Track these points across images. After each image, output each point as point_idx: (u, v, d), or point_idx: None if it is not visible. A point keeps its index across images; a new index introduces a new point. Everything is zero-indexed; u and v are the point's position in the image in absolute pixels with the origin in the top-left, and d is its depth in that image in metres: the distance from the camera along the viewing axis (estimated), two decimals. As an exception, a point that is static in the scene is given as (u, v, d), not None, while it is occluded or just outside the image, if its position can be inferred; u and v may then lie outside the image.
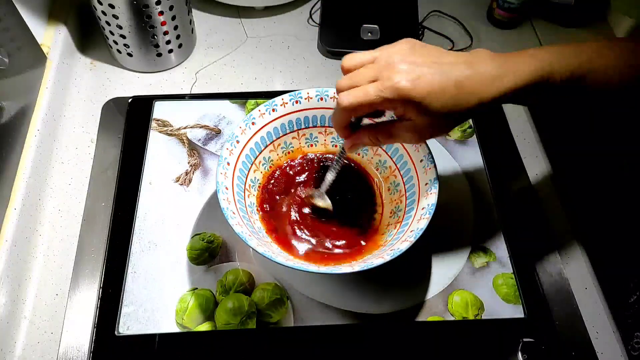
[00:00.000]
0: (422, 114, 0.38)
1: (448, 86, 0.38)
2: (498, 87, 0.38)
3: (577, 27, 0.79)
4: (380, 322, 0.51)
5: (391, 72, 0.38)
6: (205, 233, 0.55)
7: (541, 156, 0.65)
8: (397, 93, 0.37)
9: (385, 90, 0.38)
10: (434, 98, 0.37)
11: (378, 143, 0.44)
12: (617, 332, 0.52)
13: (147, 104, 0.65)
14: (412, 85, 0.37)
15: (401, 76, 0.37)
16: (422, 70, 0.38)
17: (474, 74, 0.38)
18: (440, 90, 0.37)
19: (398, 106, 0.39)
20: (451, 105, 0.38)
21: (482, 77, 0.38)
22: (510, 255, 0.55)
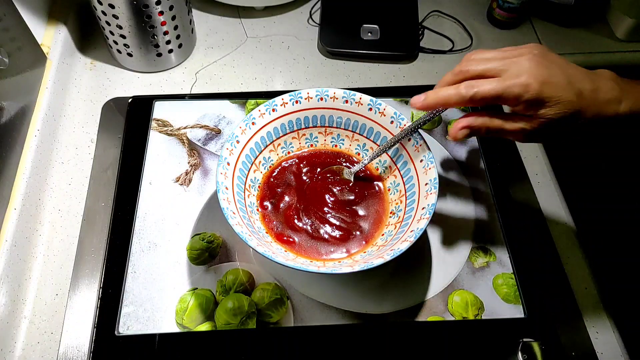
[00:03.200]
0: (542, 115, 0.39)
1: (571, 94, 0.39)
2: (614, 108, 0.40)
3: (577, 27, 0.79)
4: (380, 322, 0.51)
5: (519, 67, 0.39)
6: (205, 233, 0.55)
7: (541, 156, 0.65)
8: (524, 89, 0.38)
9: (513, 85, 0.39)
10: (556, 102, 0.39)
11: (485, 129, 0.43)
12: (617, 332, 0.52)
13: (147, 104, 0.65)
14: (541, 86, 0.38)
15: (531, 75, 0.38)
16: (549, 73, 0.39)
17: (596, 89, 0.39)
18: (564, 96, 0.38)
19: (521, 104, 0.40)
20: (570, 112, 0.39)
21: (603, 95, 0.39)
22: (510, 255, 0.55)
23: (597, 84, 0.40)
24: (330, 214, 0.52)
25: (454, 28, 0.79)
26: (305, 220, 0.52)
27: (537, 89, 0.38)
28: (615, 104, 0.40)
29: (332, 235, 0.51)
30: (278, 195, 0.54)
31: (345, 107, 0.53)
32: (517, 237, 0.57)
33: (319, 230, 0.51)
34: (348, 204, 0.53)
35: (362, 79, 0.72)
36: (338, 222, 0.52)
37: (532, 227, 0.58)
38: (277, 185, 0.54)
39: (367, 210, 0.53)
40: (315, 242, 0.51)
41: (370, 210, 0.53)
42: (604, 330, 0.52)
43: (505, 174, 0.62)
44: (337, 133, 0.56)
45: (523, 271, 0.54)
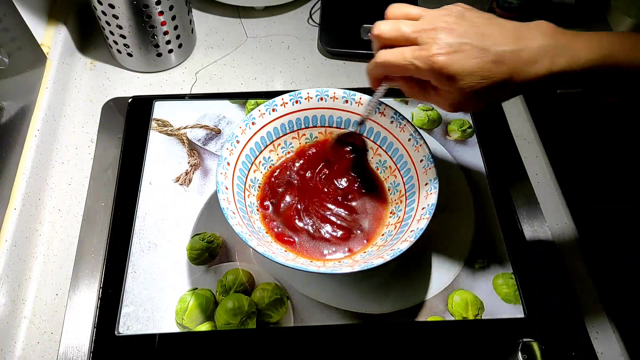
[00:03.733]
0: (456, 89, 0.36)
1: (486, 62, 0.35)
2: (545, 67, 0.35)
3: (577, 27, 0.78)
4: (380, 322, 0.51)
5: (431, 39, 0.36)
6: (205, 233, 0.55)
7: (541, 156, 0.65)
8: (431, 66, 0.36)
9: (420, 59, 0.36)
10: (469, 75, 0.35)
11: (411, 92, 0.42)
12: (617, 332, 0.52)
13: (147, 104, 0.65)
14: (448, 60, 0.35)
15: (439, 47, 0.35)
16: (461, 44, 0.35)
17: (519, 49, 0.35)
18: (477, 66, 0.35)
19: (432, 78, 0.37)
20: (487, 84, 0.35)
21: (528, 54, 0.35)
22: (510, 255, 0.55)
23: (523, 43, 0.35)
24: (331, 211, 0.52)
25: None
26: (306, 221, 0.52)
27: (443, 62, 0.35)
28: (546, 63, 0.35)
29: (332, 235, 0.51)
30: (278, 195, 0.54)
31: (345, 107, 0.53)
32: (517, 237, 0.57)
33: (319, 230, 0.51)
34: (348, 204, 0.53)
35: (362, 79, 0.72)
36: (339, 221, 0.52)
37: (532, 227, 0.58)
38: (277, 185, 0.54)
39: (367, 210, 0.53)
40: (316, 242, 0.51)
41: (371, 210, 0.53)
42: (604, 330, 0.52)
43: (505, 174, 0.62)
44: (337, 133, 0.56)
45: (523, 271, 0.54)
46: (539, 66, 0.35)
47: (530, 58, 0.35)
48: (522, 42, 0.35)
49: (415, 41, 0.37)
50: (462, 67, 0.35)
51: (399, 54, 0.37)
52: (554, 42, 0.35)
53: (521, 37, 0.36)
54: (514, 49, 0.35)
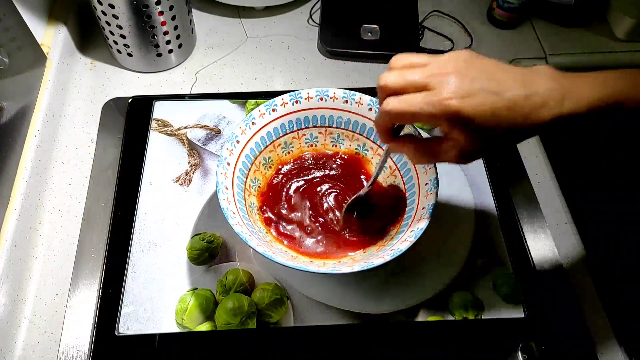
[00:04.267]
0: (469, 134, 0.36)
1: (500, 108, 0.35)
2: (554, 111, 0.35)
3: (577, 27, 0.79)
4: (380, 322, 0.51)
5: (441, 84, 0.35)
6: (205, 233, 0.55)
7: (541, 156, 0.65)
8: (444, 110, 0.35)
9: (432, 105, 0.35)
10: (484, 119, 0.35)
11: (417, 160, 0.42)
12: (617, 332, 0.52)
13: (147, 104, 0.65)
14: (461, 103, 0.34)
15: (450, 92, 0.34)
16: (473, 88, 0.35)
17: (529, 94, 0.35)
18: (491, 111, 0.34)
19: (443, 124, 0.36)
20: (500, 128, 0.35)
21: (539, 98, 0.35)
22: (510, 255, 0.55)
23: (532, 89, 0.35)
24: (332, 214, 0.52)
25: (454, 28, 0.79)
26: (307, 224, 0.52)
27: (457, 106, 0.34)
28: (555, 106, 0.35)
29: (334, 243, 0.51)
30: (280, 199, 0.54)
31: (345, 107, 0.53)
32: (516, 237, 0.57)
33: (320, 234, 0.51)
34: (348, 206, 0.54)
35: (362, 79, 0.72)
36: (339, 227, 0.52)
37: (532, 227, 0.58)
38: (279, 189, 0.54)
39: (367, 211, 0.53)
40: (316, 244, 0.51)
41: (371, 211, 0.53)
42: (604, 331, 0.52)
43: (505, 174, 0.62)
44: (337, 133, 0.56)
45: (523, 271, 0.54)
46: (549, 110, 0.35)
47: (541, 103, 0.35)
48: (532, 87, 0.35)
49: (425, 87, 0.36)
50: (476, 110, 0.34)
51: (409, 100, 0.36)
52: (560, 86, 0.36)
53: (530, 82, 0.36)
54: (526, 94, 0.35)
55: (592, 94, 0.35)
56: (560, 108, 0.35)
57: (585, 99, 0.35)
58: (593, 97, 0.35)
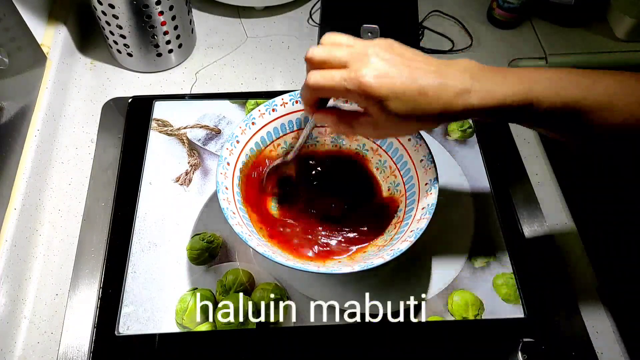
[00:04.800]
0: (382, 112, 0.38)
1: (411, 90, 0.37)
2: (463, 102, 0.37)
3: (577, 27, 0.79)
4: (380, 322, 0.51)
5: (360, 63, 0.37)
6: (205, 233, 0.55)
7: (541, 156, 0.65)
8: (359, 87, 0.37)
9: (349, 81, 0.37)
10: (394, 99, 0.37)
11: (338, 130, 0.44)
12: (617, 332, 0.52)
13: (147, 104, 0.65)
14: (376, 82, 0.36)
15: (367, 70, 0.37)
16: (389, 69, 0.37)
17: (440, 84, 0.37)
18: (402, 92, 0.37)
19: (360, 100, 0.38)
20: (411, 109, 0.37)
21: (448, 89, 0.37)
22: (510, 255, 0.55)
23: (444, 79, 0.37)
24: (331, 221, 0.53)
25: (454, 28, 0.79)
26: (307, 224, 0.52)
27: (371, 84, 0.36)
28: (463, 96, 0.37)
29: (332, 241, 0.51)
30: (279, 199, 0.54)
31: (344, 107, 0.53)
32: (517, 237, 0.57)
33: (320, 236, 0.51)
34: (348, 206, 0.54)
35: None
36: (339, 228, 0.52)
37: (532, 227, 0.58)
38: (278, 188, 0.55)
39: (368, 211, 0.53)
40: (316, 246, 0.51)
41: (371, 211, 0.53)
42: (604, 330, 0.52)
43: (505, 174, 0.62)
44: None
45: (523, 271, 0.54)
46: (458, 101, 0.37)
47: (451, 93, 0.37)
48: (444, 78, 0.37)
49: (346, 64, 0.38)
50: (388, 89, 0.36)
51: (329, 76, 0.38)
52: (472, 79, 0.37)
53: (444, 73, 0.38)
54: (437, 84, 0.37)
55: (502, 90, 0.37)
56: (468, 98, 0.37)
57: (495, 94, 0.37)
58: (502, 92, 0.37)
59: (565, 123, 0.39)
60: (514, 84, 0.37)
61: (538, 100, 0.37)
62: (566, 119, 0.38)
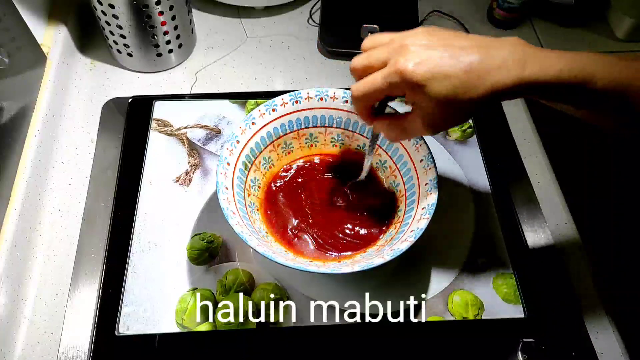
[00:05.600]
0: (429, 99, 0.36)
1: (454, 70, 0.35)
2: (516, 75, 0.35)
3: (577, 27, 0.79)
4: (380, 322, 0.51)
5: (398, 55, 0.36)
6: (205, 233, 0.55)
7: (541, 156, 0.65)
8: (400, 76, 0.35)
9: (390, 75, 0.36)
10: (438, 82, 0.35)
11: (392, 137, 0.43)
12: (617, 332, 0.52)
13: (147, 104, 0.65)
14: (416, 67, 0.35)
15: (406, 59, 0.35)
16: (429, 53, 0.35)
17: (488, 58, 0.35)
18: (444, 73, 0.35)
19: (407, 91, 0.37)
20: (458, 91, 0.35)
21: (496, 61, 0.35)
22: (510, 255, 0.55)
23: (492, 52, 0.35)
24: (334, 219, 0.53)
25: (454, 28, 0.79)
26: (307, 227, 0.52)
27: (412, 70, 0.35)
28: (516, 69, 0.35)
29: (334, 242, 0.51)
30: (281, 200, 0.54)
31: (345, 107, 0.53)
32: (517, 237, 0.57)
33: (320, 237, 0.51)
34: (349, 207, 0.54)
35: (362, 79, 0.72)
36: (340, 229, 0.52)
37: (532, 227, 0.58)
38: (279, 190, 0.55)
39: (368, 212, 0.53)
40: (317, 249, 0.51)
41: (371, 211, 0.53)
42: (604, 330, 0.52)
43: (505, 174, 0.62)
44: (337, 133, 0.56)
45: (523, 271, 0.54)
46: (509, 73, 0.35)
47: (499, 65, 0.35)
48: (491, 51, 0.36)
49: (387, 62, 0.37)
50: (430, 71, 0.35)
51: (370, 79, 0.38)
52: (524, 52, 0.36)
53: (490, 47, 0.36)
54: (484, 57, 0.35)
55: (557, 65, 0.35)
56: (522, 71, 0.35)
57: (550, 68, 0.35)
58: (558, 67, 0.35)
59: (615, 105, 0.37)
60: (568, 61, 0.35)
61: (592, 78, 0.35)
62: (616, 101, 0.37)
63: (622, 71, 0.36)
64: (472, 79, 0.35)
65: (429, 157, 0.48)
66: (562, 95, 0.38)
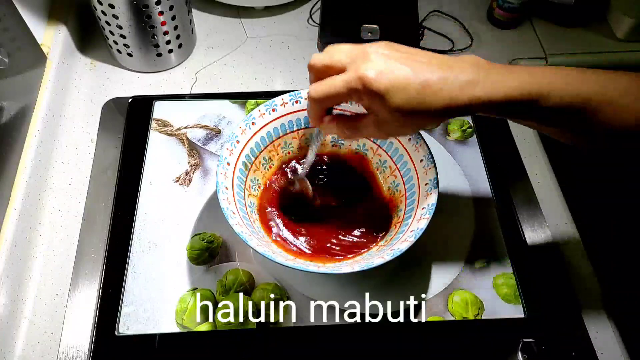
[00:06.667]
0: (385, 108, 0.37)
1: (413, 83, 0.36)
2: (468, 95, 0.36)
3: (577, 27, 0.79)
4: (380, 322, 0.51)
5: (360, 61, 0.37)
6: (205, 233, 0.55)
7: (541, 156, 0.65)
8: (360, 83, 0.36)
9: (350, 81, 0.37)
10: (397, 92, 0.36)
11: (345, 136, 0.43)
12: (617, 332, 0.52)
13: (147, 104, 0.65)
14: (377, 76, 0.36)
15: (368, 66, 0.36)
16: (390, 64, 0.37)
17: (444, 77, 0.36)
18: (404, 85, 0.36)
19: (364, 97, 0.37)
20: (415, 104, 0.36)
21: (453, 81, 0.36)
22: (510, 255, 0.55)
23: (447, 73, 0.36)
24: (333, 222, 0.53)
25: (454, 28, 0.79)
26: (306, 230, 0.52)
27: (372, 78, 0.36)
28: (469, 88, 0.36)
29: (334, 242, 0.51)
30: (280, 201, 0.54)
31: (345, 107, 0.53)
32: (517, 237, 0.57)
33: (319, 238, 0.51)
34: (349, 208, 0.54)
35: (362, 79, 0.72)
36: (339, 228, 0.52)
37: (532, 227, 0.58)
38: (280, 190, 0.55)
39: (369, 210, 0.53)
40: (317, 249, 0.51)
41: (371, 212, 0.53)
42: (604, 330, 0.52)
43: (505, 174, 0.62)
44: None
45: (523, 271, 0.54)
46: (462, 91, 0.36)
47: (453, 83, 0.36)
48: (448, 71, 0.37)
49: (347, 67, 0.38)
50: (390, 83, 0.36)
51: (330, 82, 0.38)
52: (478, 72, 0.37)
53: (448, 65, 0.37)
54: (441, 76, 0.36)
55: (509, 83, 0.36)
56: (473, 91, 0.36)
57: (502, 88, 0.36)
58: (510, 86, 0.36)
59: (572, 121, 0.38)
60: (522, 78, 0.37)
61: (546, 95, 0.36)
62: (573, 117, 0.38)
63: (581, 87, 0.37)
64: (428, 94, 0.36)
65: (429, 157, 0.48)
66: (515, 113, 0.39)
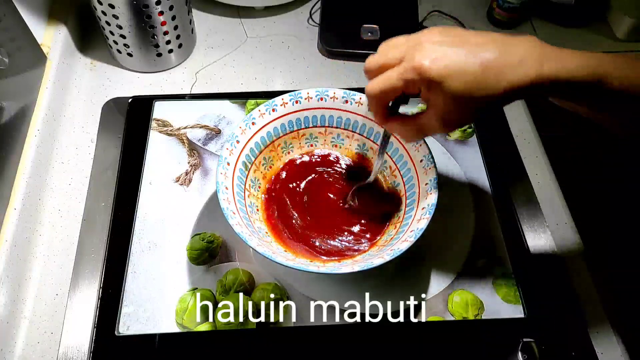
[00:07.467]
0: (445, 96, 0.35)
1: (471, 66, 0.34)
2: (535, 73, 0.34)
3: (577, 27, 0.79)
4: (380, 322, 0.51)
5: (415, 52, 0.36)
6: (205, 233, 0.55)
7: (541, 156, 0.65)
8: (416, 72, 0.35)
9: (405, 72, 0.36)
10: (455, 78, 0.34)
11: (409, 135, 0.42)
12: (617, 332, 0.52)
13: (147, 104, 0.65)
14: (431, 63, 0.34)
15: (422, 55, 0.35)
16: (445, 50, 0.35)
17: (503, 54, 0.34)
18: (461, 69, 0.34)
19: (423, 88, 0.36)
20: (475, 88, 0.35)
21: (514, 58, 0.34)
22: (510, 256, 0.55)
23: (509, 49, 0.34)
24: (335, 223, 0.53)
25: (454, 28, 0.79)
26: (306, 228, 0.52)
27: (428, 66, 0.34)
28: (534, 66, 0.34)
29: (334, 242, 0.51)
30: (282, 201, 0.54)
31: (345, 107, 0.53)
32: (516, 237, 0.57)
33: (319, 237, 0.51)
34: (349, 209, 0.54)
35: (362, 79, 0.71)
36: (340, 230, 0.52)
37: (532, 227, 0.58)
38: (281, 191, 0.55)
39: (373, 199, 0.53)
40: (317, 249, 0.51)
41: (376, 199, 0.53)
42: (604, 330, 0.52)
43: (505, 174, 0.62)
44: (337, 133, 0.56)
45: (523, 271, 0.54)
46: (528, 70, 0.34)
47: (517, 62, 0.34)
48: (508, 47, 0.35)
49: (402, 60, 0.37)
50: (446, 68, 0.35)
51: (385, 77, 0.37)
52: (541, 49, 0.35)
53: (507, 43, 0.35)
54: (501, 54, 0.35)
55: (575, 63, 0.35)
56: (540, 69, 0.34)
57: (568, 66, 0.35)
58: (576, 65, 0.35)
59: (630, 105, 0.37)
60: (585, 59, 0.35)
61: (609, 77, 0.35)
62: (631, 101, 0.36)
63: (637, 71, 0.36)
64: (489, 76, 0.35)
65: (429, 157, 0.48)
66: (578, 94, 0.37)
